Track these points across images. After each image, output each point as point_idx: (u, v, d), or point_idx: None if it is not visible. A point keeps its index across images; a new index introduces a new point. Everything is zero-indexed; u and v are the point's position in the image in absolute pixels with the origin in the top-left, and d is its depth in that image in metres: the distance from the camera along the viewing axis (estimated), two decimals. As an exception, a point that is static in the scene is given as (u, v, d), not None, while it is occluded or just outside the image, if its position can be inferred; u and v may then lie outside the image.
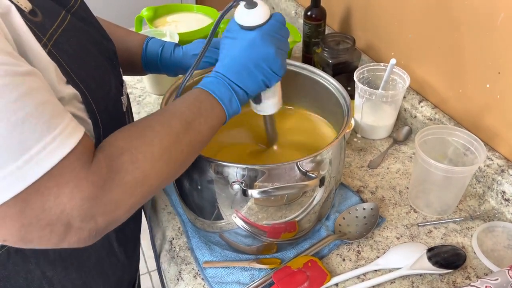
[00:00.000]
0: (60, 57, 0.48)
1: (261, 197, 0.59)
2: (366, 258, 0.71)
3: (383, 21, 1.04)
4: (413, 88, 0.99)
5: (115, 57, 0.62)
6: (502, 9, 0.73)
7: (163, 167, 0.50)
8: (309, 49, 1.14)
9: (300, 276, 0.67)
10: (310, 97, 0.79)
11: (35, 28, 0.45)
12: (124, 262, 0.70)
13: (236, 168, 0.59)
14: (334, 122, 0.77)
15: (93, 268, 0.64)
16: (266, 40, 0.58)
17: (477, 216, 0.78)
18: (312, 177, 0.59)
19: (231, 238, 0.68)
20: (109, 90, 0.56)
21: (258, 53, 0.58)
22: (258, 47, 0.58)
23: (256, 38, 0.58)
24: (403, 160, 0.90)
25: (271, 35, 0.59)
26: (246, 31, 0.59)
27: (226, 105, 0.57)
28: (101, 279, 0.66)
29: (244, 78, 0.58)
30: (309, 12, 1.10)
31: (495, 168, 0.79)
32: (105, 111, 0.54)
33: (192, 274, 0.70)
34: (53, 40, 0.47)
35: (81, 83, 0.50)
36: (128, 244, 0.71)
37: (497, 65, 0.77)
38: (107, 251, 0.65)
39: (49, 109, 0.42)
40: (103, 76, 0.56)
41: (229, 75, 0.58)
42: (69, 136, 0.43)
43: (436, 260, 0.69)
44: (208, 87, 0.57)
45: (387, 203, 0.81)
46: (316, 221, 0.70)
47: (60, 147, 0.42)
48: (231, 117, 0.58)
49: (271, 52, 0.58)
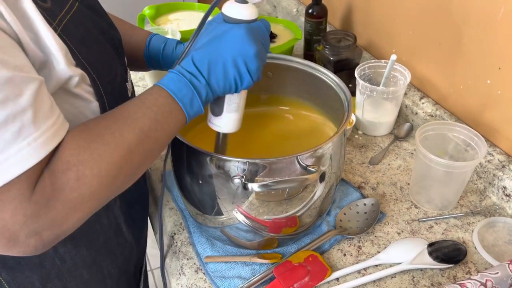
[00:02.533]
0: (69, 41, 0.49)
1: (262, 191, 0.60)
2: (367, 253, 0.72)
3: (384, 18, 1.04)
4: (414, 85, 0.99)
5: (120, 46, 0.64)
6: (502, 4, 0.73)
7: (111, 182, 0.48)
8: (311, 46, 1.14)
9: (301, 271, 0.67)
10: (311, 93, 0.79)
11: (45, 13, 0.47)
12: (132, 242, 0.72)
13: (237, 162, 0.59)
14: (335, 118, 0.77)
15: (101, 247, 0.65)
16: (250, 37, 0.55)
17: (478, 212, 0.78)
18: (312, 171, 0.59)
19: (232, 233, 0.69)
20: (115, 76, 0.58)
21: (240, 47, 0.55)
22: (241, 41, 0.55)
23: (241, 32, 0.55)
24: (404, 157, 0.90)
25: (256, 35, 0.56)
26: (232, 24, 0.56)
27: (187, 107, 0.54)
28: (109, 258, 0.68)
29: (216, 72, 0.55)
30: (310, 9, 1.10)
31: (496, 164, 0.79)
32: (111, 94, 0.55)
33: (194, 269, 0.71)
34: (62, 25, 0.49)
35: (89, 66, 0.52)
36: (136, 226, 0.73)
37: (497, 60, 0.77)
38: (114, 231, 0.67)
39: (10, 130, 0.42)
40: (110, 62, 0.57)
41: (199, 65, 0.54)
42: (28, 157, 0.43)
43: (437, 255, 0.69)
44: (168, 87, 0.53)
45: (388, 199, 0.81)
46: (317, 216, 0.70)
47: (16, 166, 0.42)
48: (192, 118, 0.56)
49: (253, 50, 0.55)
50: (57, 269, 0.62)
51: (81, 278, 0.65)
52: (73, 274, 0.63)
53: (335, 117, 0.77)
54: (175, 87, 0.53)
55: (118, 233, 0.68)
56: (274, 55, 0.77)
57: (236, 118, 0.62)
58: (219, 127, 0.63)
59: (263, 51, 0.57)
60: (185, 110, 0.54)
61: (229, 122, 0.62)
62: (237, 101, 0.61)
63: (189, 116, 0.55)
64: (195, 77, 0.54)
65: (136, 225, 0.73)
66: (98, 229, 0.64)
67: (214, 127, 0.63)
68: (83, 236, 0.62)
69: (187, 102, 0.54)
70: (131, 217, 0.70)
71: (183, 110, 0.53)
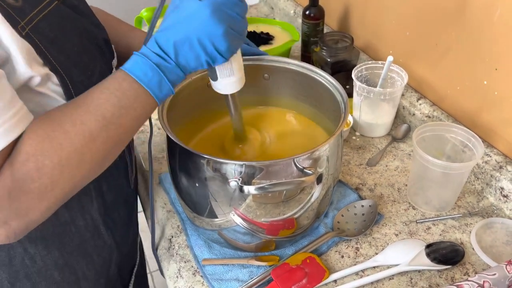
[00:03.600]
0: (38, 40, 0.49)
1: (258, 194, 0.60)
2: (365, 255, 0.72)
3: (381, 19, 1.04)
4: (412, 86, 0.99)
5: (105, 45, 0.63)
6: (499, 5, 0.73)
7: (74, 171, 0.48)
8: (308, 48, 1.14)
9: (299, 273, 0.67)
10: (308, 95, 0.79)
11: (12, 11, 0.47)
12: (112, 245, 0.71)
13: (233, 165, 0.59)
14: (331, 119, 0.77)
15: (76, 249, 0.65)
16: (215, 16, 0.51)
17: (476, 213, 0.78)
18: (309, 174, 0.59)
19: (230, 236, 0.68)
20: (91, 76, 0.57)
21: (204, 28, 0.51)
22: (204, 22, 0.51)
23: (204, 11, 0.51)
24: (401, 158, 0.90)
25: (223, 10, 0.52)
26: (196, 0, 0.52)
27: (155, 90, 0.52)
28: (84, 260, 0.67)
29: (184, 52, 0.52)
30: (307, 11, 1.10)
31: (493, 165, 0.79)
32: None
33: (191, 272, 0.70)
34: (32, 24, 0.49)
35: (59, 66, 0.52)
36: (117, 228, 0.72)
37: (494, 61, 0.77)
38: (91, 233, 0.66)
39: None
40: (87, 62, 0.57)
41: (165, 46, 0.52)
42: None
43: (435, 256, 0.69)
44: (132, 71, 0.51)
45: (385, 200, 0.81)
46: (314, 218, 0.70)
47: None
48: (164, 100, 0.54)
49: (218, 31, 0.51)
50: (26, 269, 0.62)
51: (52, 279, 0.65)
52: (43, 275, 0.63)
53: (332, 118, 0.77)
54: (140, 72, 0.51)
55: (96, 236, 0.67)
56: (271, 57, 0.77)
57: (234, 81, 0.60)
58: (220, 90, 0.62)
59: (235, 26, 0.53)
60: (153, 94, 0.52)
61: (227, 85, 0.61)
62: (228, 67, 0.58)
63: (159, 98, 0.53)
64: (163, 59, 0.52)
65: (117, 227, 0.72)
66: (72, 230, 0.63)
67: (215, 89, 0.62)
68: (55, 237, 0.62)
69: (154, 86, 0.52)
70: (112, 220, 0.70)
71: (151, 94, 0.52)
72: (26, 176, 0.45)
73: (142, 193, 0.88)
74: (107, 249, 0.71)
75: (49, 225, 0.60)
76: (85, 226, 0.65)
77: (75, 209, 0.62)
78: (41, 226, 0.58)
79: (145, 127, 1.01)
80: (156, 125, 1.01)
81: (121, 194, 0.72)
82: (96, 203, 0.65)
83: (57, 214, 0.60)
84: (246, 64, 0.77)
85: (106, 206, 0.67)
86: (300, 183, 0.60)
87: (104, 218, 0.67)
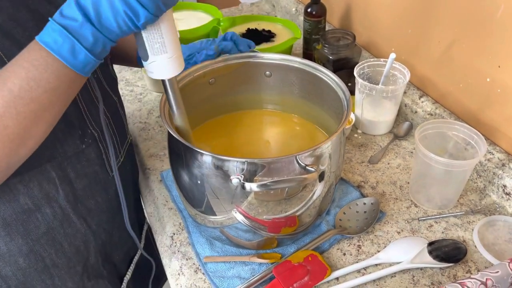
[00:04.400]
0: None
1: (260, 191, 0.59)
2: (367, 253, 0.71)
3: (383, 16, 1.04)
4: (414, 83, 0.99)
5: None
6: (502, 2, 0.73)
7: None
8: (310, 45, 1.14)
9: (301, 271, 0.67)
10: (310, 92, 0.79)
11: None
12: (87, 234, 0.70)
13: (235, 162, 0.59)
14: (334, 117, 0.77)
15: (42, 236, 0.65)
16: None
17: (478, 210, 0.78)
18: (311, 171, 0.59)
19: (232, 233, 0.68)
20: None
21: None
22: None
23: None
24: (403, 156, 0.90)
25: None
26: None
27: (67, 58, 0.46)
28: (53, 248, 0.67)
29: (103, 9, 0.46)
30: (309, 8, 1.10)
31: (496, 162, 0.78)
32: None
33: (193, 269, 0.70)
34: None
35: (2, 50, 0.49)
36: (93, 216, 0.71)
37: (497, 58, 0.77)
38: (60, 222, 0.66)
39: None
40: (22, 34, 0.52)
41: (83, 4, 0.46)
42: None
43: (437, 254, 0.69)
44: (42, 39, 0.46)
45: (387, 198, 0.81)
46: (316, 216, 0.70)
47: None
48: (87, 69, 0.48)
49: None
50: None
51: (16, 265, 0.64)
52: (7, 260, 0.63)
53: (334, 116, 0.77)
54: (49, 38, 0.46)
55: (66, 224, 0.67)
56: (273, 54, 0.77)
57: (167, 61, 0.53)
58: (152, 73, 0.54)
59: None
60: (67, 62, 0.46)
61: (160, 66, 0.53)
62: (159, 40, 0.51)
63: (76, 66, 0.47)
64: (74, 21, 0.46)
65: (93, 215, 0.70)
66: (38, 218, 0.63)
67: (148, 73, 0.55)
68: (19, 224, 0.61)
69: (66, 53, 0.46)
70: (85, 207, 0.69)
71: (63, 63, 0.46)
72: None
73: (144, 191, 0.88)
74: (80, 237, 0.70)
75: (11, 212, 0.60)
76: (53, 214, 0.64)
77: (38, 197, 0.62)
78: (2, 212, 0.58)
79: (145, 124, 1.01)
80: (158, 123, 1.01)
81: (96, 182, 0.70)
82: (63, 191, 0.64)
83: (19, 201, 0.60)
84: (248, 61, 0.77)
85: (76, 194, 0.66)
86: (302, 180, 0.59)
87: (74, 206, 0.66)
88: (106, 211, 0.73)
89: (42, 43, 0.46)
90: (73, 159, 0.59)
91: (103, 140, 0.69)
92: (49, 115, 0.49)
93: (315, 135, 0.80)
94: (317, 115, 0.80)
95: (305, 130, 0.81)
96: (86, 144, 0.65)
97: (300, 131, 0.81)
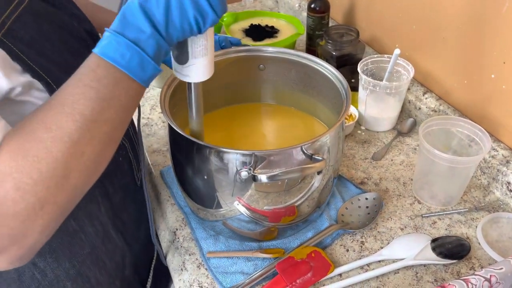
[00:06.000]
0: (13, 46, 0.44)
1: (270, 182, 0.58)
2: (370, 249, 0.71)
3: (386, 12, 1.03)
4: (417, 80, 0.98)
5: (89, 37, 0.58)
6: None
7: (63, 182, 0.41)
8: (313, 41, 1.13)
9: (304, 267, 0.67)
10: (305, 84, 0.78)
11: None
12: (124, 247, 0.70)
13: (241, 155, 0.58)
14: (332, 109, 0.77)
15: (87, 257, 0.63)
16: None
17: (482, 207, 0.77)
18: (319, 160, 0.59)
19: (234, 225, 0.68)
20: None
21: None
22: None
23: None
24: (407, 152, 0.89)
25: None
26: None
27: (137, 72, 0.43)
28: (97, 267, 0.66)
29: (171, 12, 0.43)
30: (312, 4, 1.09)
31: (500, 159, 0.78)
32: None
33: (196, 264, 0.70)
34: (5, 29, 0.44)
35: (41, 69, 0.47)
36: (127, 230, 0.70)
37: (502, 55, 0.76)
38: (102, 239, 0.65)
39: None
40: (71, 59, 0.51)
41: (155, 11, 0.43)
42: None
43: (440, 250, 0.68)
44: (107, 54, 0.43)
45: (391, 195, 0.80)
46: (315, 207, 0.70)
47: None
48: (151, 81, 0.46)
49: None
50: (37, 283, 0.59)
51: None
52: (55, 287, 0.62)
53: (333, 108, 0.76)
54: (115, 53, 0.42)
55: (107, 240, 0.65)
56: (266, 47, 0.77)
57: (206, 63, 0.52)
58: (188, 77, 0.53)
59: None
60: (136, 76, 0.44)
61: (198, 69, 0.52)
62: (203, 43, 0.50)
63: (145, 81, 0.45)
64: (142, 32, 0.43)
65: (127, 228, 0.70)
66: (82, 238, 0.61)
67: (182, 77, 0.53)
68: (64, 248, 0.59)
69: (135, 68, 0.43)
70: (121, 221, 0.67)
71: (133, 78, 0.44)
72: (6, 199, 0.39)
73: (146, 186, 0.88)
74: (119, 252, 0.69)
75: (56, 237, 0.57)
76: (95, 232, 0.63)
77: (82, 216, 0.60)
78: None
79: (148, 120, 1.00)
80: (161, 118, 1.01)
81: (128, 194, 0.70)
82: (104, 207, 0.63)
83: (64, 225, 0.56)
84: (241, 55, 0.77)
85: (114, 209, 0.65)
86: (311, 168, 0.59)
87: (113, 221, 0.66)
88: (135, 222, 0.73)
89: (108, 58, 0.42)
90: (111, 173, 0.55)
91: (131, 150, 0.68)
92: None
93: (313, 127, 0.80)
94: (316, 108, 0.80)
95: (303, 122, 0.80)
96: (122, 156, 0.64)
97: (298, 123, 0.81)
